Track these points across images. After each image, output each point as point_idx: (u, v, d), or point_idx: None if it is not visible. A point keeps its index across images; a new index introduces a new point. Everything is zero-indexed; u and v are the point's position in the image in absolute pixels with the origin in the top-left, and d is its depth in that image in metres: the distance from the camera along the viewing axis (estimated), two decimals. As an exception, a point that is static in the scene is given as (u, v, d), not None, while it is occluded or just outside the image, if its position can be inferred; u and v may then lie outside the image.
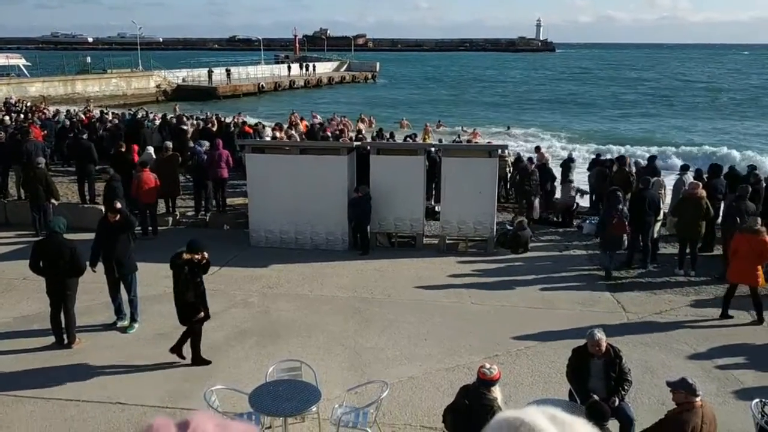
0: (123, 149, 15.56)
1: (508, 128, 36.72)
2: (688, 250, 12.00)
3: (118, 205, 9.96)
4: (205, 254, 8.46)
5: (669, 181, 15.57)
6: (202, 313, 8.54)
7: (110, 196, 12.13)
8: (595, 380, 6.77)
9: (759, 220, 10.03)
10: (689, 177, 13.97)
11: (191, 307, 8.44)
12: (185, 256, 8.31)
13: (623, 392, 6.68)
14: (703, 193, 11.95)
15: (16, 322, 9.88)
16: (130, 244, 9.82)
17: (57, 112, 26.55)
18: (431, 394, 7.84)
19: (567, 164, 16.61)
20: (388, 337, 9.42)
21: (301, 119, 24.85)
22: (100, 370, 8.48)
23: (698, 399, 5.69)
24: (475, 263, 12.58)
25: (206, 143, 16.15)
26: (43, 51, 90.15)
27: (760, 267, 9.90)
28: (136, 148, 16.50)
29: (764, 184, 13.64)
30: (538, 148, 18.61)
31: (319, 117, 27.08)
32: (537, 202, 15.28)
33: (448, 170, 13.08)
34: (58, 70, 51.19)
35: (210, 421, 0.80)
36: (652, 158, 16.40)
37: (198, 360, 8.53)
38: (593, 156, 18.93)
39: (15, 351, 8.93)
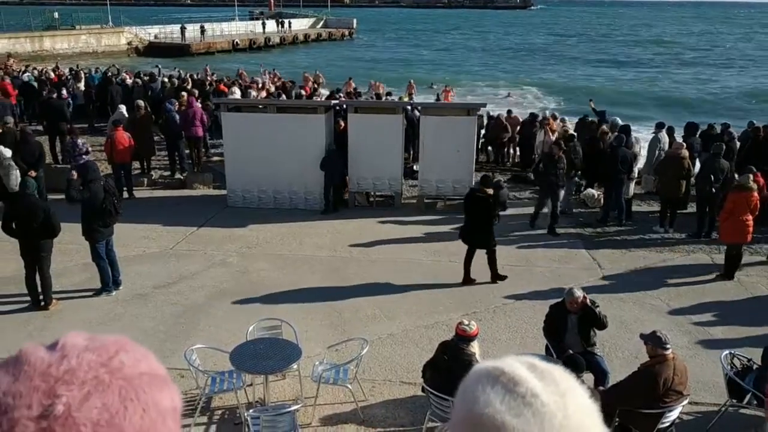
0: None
1: (508, 94, 35.18)
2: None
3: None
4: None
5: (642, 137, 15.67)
6: None
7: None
8: (570, 335, 6.92)
9: (751, 176, 10.07)
10: (664, 135, 14.07)
11: None
12: None
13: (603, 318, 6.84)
14: (686, 153, 12.05)
15: (-9, 284, 9.76)
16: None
17: (25, 69, 25.78)
18: (410, 351, 7.95)
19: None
20: (367, 295, 9.48)
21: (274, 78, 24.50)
22: (78, 331, 8.42)
23: (669, 352, 5.85)
24: (454, 222, 12.62)
25: (176, 102, 15.80)
26: (7, 6, 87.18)
27: (751, 224, 9.97)
28: None
29: (738, 142, 13.83)
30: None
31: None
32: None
33: (426, 129, 13.02)
34: (24, 25, 49.54)
35: (80, 336, 0.81)
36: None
37: None
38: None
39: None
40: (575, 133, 14.33)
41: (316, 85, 24.34)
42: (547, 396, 0.82)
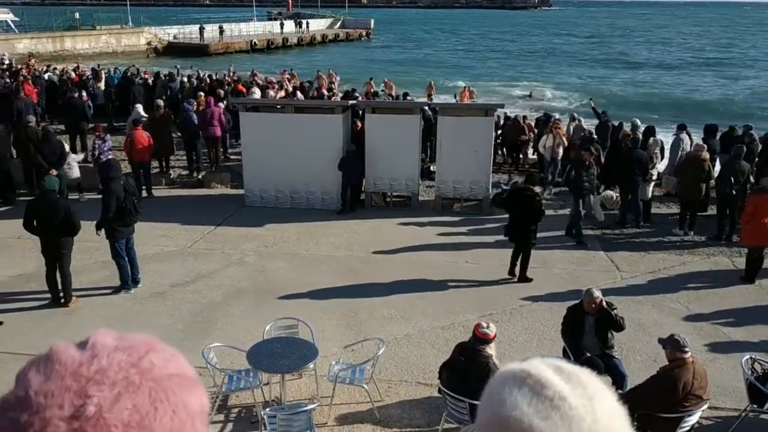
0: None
1: (530, 93, 35.06)
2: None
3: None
4: None
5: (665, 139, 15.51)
6: None
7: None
8: (588, 337, 6.87)
9: None
10: (686, 136, 13.95)
11: None
12: None
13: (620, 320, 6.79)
14: (707, 155, 11.92)
15: (13, 281, 9.89)
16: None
17: (47, 69, 26.10)
18: (426, 352, 7.94)
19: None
20: (384, 295, 9.48)
21: (292, 78, 24.55)
22: (97, 328, 8.48)
23: (688, 355, 5.79)
24: (471, 223, 12.61)
25: (194, 102, 15.93)
26: (30, 6, 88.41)
27: None
28: None
29: (759, 144, 13.66)
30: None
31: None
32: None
33: (443, 129, 13.00)
34: (46, 25, 50.15)
35: (109, 335, 0.82)
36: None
37: None
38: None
39: (12, 310, 8.97)
40: (596, 136, 14.25)
41: (332, 85, 24.37)
42: (575, 399, 0.81)
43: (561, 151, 14.50)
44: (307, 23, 69.31)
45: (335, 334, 8.31)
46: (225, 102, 16.95)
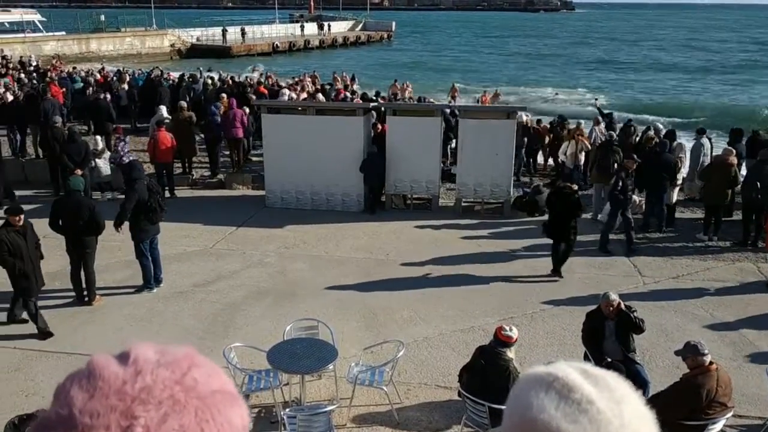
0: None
1: (556, 94, 34.83)
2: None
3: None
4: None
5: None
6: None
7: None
8: (609, 342, 6.81)
9: None
10: (706, 140, 13.76)
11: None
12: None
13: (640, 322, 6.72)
14: (735, 159, 11.74)
15: (38, 279, 10.03)
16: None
17: (72, 71, 26.50)
18: (446, 354, 7.92)
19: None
20: (403, 298, 9.48)
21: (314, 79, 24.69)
22: (120, 326, 8.63)
23: (708, 359, 5.70)
24: (491, 226, 12.56)
25: (220, 105, 16.06)
26: (57, 8, 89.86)
27: None
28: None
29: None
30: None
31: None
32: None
33: (465, 132, 12.96)
34: (72, 28, 50.93)
35: (149, 348, 0.79)
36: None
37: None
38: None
39: (38, 307, 9.09)
40: (617, 139, 14.09)
41: (353, 87, 24.44)
42: (603, 403, 0.81)
43: (583, 157, 14.37)
44: (329, 25, 69.62)
45: (355, 335, 8.33)
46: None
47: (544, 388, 0.83)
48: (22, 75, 25.09)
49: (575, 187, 10.14)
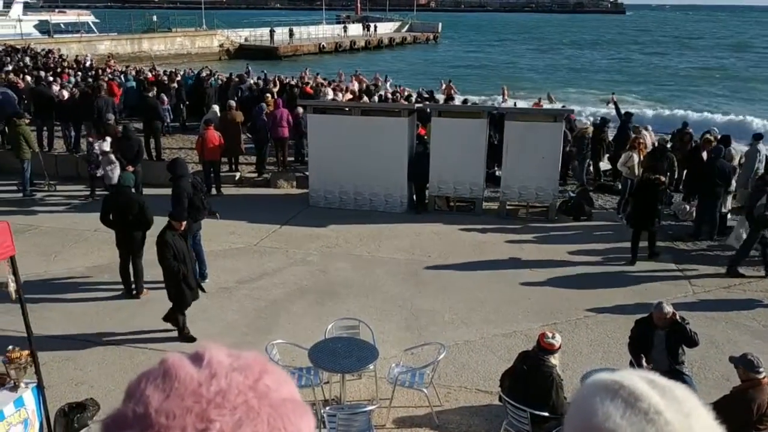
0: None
1: (613, 93, 34.14)
2: None
3: None
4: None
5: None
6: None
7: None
8: (657, 352, 6.63)
9: None
10: (762, 146, 13.29)
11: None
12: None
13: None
14: None
15: (89, 271, 10.34)
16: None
17: (125, 70, 27.20)
18: (487, 359, 7.85)
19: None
20: (445, 300, 9.43)
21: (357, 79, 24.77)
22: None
23: (762, 376, 5.52)
24: (536, 230, 12.40)
25: (265, 106, 16.25)
26: (111, 9, 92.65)
27: None
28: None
29: None
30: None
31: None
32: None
33: (510, 134, 12.83)
34: (126, 28, 52.34)
35: (221, 351, 0.78)
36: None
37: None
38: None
39: (88, 299, 9.38)
40: (668, 144, 13.75)
41: (386, 85, 24.43)
42: (670, 414, 0.78)
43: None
44: (375, 26, 69.88)
45: (395, 336, 8.32)
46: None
47: (609, 396, 0.81)
48: (78, 73, 25.82)
49: (662, 177, 10.73)
